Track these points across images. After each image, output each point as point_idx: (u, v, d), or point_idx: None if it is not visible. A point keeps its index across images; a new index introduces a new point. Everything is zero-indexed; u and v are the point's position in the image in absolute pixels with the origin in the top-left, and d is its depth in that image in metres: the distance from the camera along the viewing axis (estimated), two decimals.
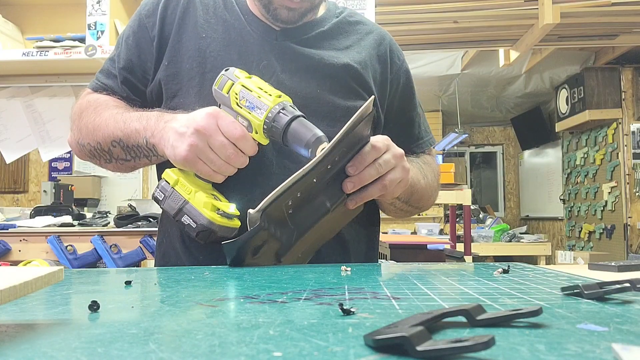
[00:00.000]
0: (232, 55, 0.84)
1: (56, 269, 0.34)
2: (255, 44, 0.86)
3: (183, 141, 0.70)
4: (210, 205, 0.71)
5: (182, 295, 0.43)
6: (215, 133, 0.70)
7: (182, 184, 0.74)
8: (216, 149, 0.70)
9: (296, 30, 0.88)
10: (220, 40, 0.86)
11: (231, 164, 0.72)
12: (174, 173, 0.75)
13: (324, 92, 0.85)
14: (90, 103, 0.88)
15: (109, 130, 0.81)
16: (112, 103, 0.87)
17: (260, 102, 0.72)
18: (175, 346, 0.26)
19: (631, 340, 0.27)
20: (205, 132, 0.69)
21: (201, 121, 0.70)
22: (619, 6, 3.08)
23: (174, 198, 0.74)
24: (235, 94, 0.74)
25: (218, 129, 0.70)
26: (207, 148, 0.70)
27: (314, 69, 0.86)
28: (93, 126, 0.84)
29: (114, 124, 0.81)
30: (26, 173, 5.37)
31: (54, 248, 1.76)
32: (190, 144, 0.69)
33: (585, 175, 4.92)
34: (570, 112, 4.73)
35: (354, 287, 0.47)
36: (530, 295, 0.42)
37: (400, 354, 0.24)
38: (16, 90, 2.34)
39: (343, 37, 0.92)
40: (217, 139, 0.70)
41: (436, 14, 3.18)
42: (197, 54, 0.84)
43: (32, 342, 0.28)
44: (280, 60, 0.85)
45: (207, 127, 0.69)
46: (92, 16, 2.08)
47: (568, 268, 0.66)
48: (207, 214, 0.71)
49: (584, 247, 4.91)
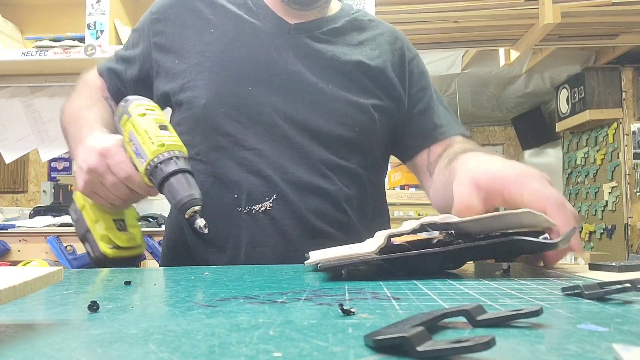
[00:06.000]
0: (239, 49, 0.85)
1: (56, 269, 0.34)
2: (266, 38, 0.86)
3: (80, 176, 0.73)
4: (107, 238, 0.74)
5: (182, 295, 0.43)
6: (105, 172, 0.71)
7: (87, 210, 0.76)
8: (108, 187, 0.71)
9: (309, 25, 0.89)
10: (229, 33, 0.86)
11: (125, 200, 0.73)
12: (82, 197, 0.76)
13: (335, 87, 0.84)
14: (86, 82, 0.97)
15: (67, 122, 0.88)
16: (99, 89, 0.94)
17: (142, 150, 0.69)
18: (175, 346, 0.26)
19: (632, 341, 0.27)
20: (96, 172, 0.71)
21: (92, 161, 0.71)
22: (620, 6, 3.08)
23: (81, 223, 0.76)
24: (127, 132, 0.72)
25: (108, 169, 0.71)
26: (100, 185, 0.72)
27: (326, 64, 0.86)
28: (68, 110, 0.90)
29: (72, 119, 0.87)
30: (25, 173, 5.37)
31: (53, 248, 1.76)
32: (85, 181, 0.72)
33: (585, 175, 4.92)
34: (571, 112, 4.73)
35: (354, 287, 0.47)
36: (530, 295, 0.42)
37: (400, 354, 0.24)
38: (15, 90, 2.34)
39: (356, 34, 0.92)
40: (108, 178, 0.71)
41: (436, 14, 3.18)
42: (205, 49, 0.85)
43: (32, 342, 0.27)
44: (293, 54, 0.85)
45: (98, 167, 0.71)
46: (92, 16, 2.08)
47: (568, 268, 0.66)
48: (101, 246, 0.73)
49: (584, 247, 4.91)
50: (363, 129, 0.86)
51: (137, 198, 0.74)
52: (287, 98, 0.83)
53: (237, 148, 0.81)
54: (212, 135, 0.82)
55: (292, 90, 0.83)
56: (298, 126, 0.82)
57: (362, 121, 0.86)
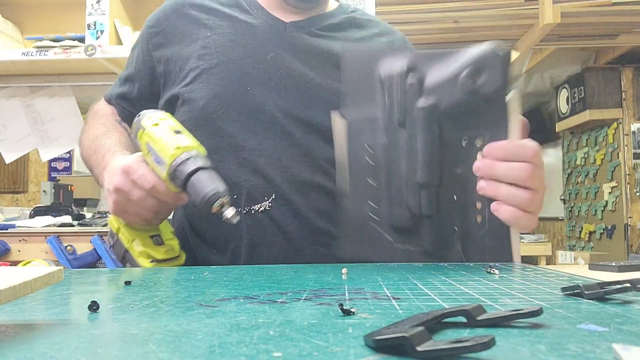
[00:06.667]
0: (237, 50, 0.85)
1: (56, 269, 0.34)
2: (262, 37, 0.86)
3: (109, 198, 0.74)
4: (146, 254, 0.74)
5: (182, 295, 0.43)
6: (131, 189, 0.71)
7: (122, 232, 0.77)
8: (137, 203, 0.72)
9: (305, 22, 0.89)
10: (225, 35, 0.87)
11: (156, 211, 0.73)
12: (115, 220, 0.78)
13: (333, 81, 0.84)
14: (97, 114, 0.97)
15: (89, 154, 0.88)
16: (111, 117, 0.95)
17: (160, 158, 0.70)
18: (175, 346, 0.26)
19: (632, 341, 0.27)
20: (122, 190, 0.71)
21: (117, 181, 0.72)
22: (620, 6, 3.08)
23: (118, 245, 0.77)
24: (144, 144, 0.73)
25: (133, 184, 0.71)
26: (128, 203, 0.72)
27: (323, 58, 0.86)
28: (85, 144, 0.91)
29: (92, 151, 0.87)
30: (26, 173, 5.37)
31: (53, 248, 1.76)
32: (114, 201, 0.73)
33: (585, 175, 4.92)
34: (571, 112, 4.73)
35: (354, 287, 0.47)
36: (530, 295, 0.42)
37: (400, 354, 0.24)
38: (16, 90, 2.34)
39: (355, 30, 0.92)
40: (134, 193, 0.71)
41: (436, 14, 3.18)
42: (203, 52, 0.85)
43: (32, 342, 0.27)
44: (289, 51, 0.85)
45: (123, 185, 0.71)
46: (92, 16, 2.08)
47: (568, 268, 0.66)
48: (141, 262, 0.74)
49: (584, 247, 4.91)
50: None
51: (167, 209, 0.74)
52: (286, 95, 0.83)
53: (237, 149, 0.81)
54: (211, 136, 0.82)
55: (291, 87, 0.83)
56: (299, 122, 0.82)
57: None
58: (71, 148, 2.46)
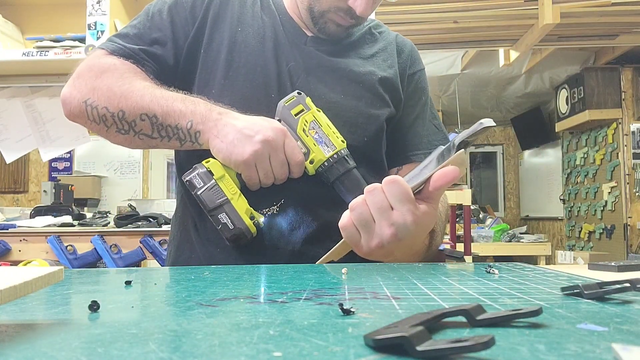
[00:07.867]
0: (266, 52, 0.86)
1: (56, 269, 0.34)
2: (285, 44, 0.88)
3: (248, 144, 0.71)
4: (250, 213, 0.75)
5: (182, 295, 0.43)
6: (280, 150, 0.73)
7: (227, 181, 0.74)
8: (274, 164, 0.73)
9: (325, 40, 0.90)
10: (254, 35, 0.87)
11: (277, 180, 0.75)
12: (219, 167, 0.74)
13: (347, 98, 0.86)
14: (115, 66, 0.81)
15: (143, 102, 0.76)
16: (141, 75, 0.81)
17: (329, 140, 0.77)
18: (175, 346, 0.26)
19: (631, 340, 0.27)
20: (272, 145, 0.72)
21: (271, 133, 0.72)
22: (619, 6, 3.08)
23: (216, 192, 0.73)
24: (306, 121, 0.77)
25: (283, 147, 0.73)
26: (267, 159, 0.72)
27: (340, 76, 0.88)
28: (120, 92, 0.77)
29: (150, 97, 0.76)
30: (26, 173, 5.38)
31: (54, 248, 1.76)
32: (256, 150, 0.71)
33: (585, 175, 4.92)
34: (570, 112, 4.73)
35: (354, 287, 0.47)
36: (530, 295, 0.42)
37: (400, 354, 0.24)
38: (16, 90, 2.34)
39: (368, 46, 0.95)
40: (279, 155, 0.73)
41: (436, 14, 3.18)
42: (231, 46, 0.85)
43: (32, 342, 0.28)
44: (307, 64, 0.87)
45: (275, 142, 0.72)
46: (92, 16, 2.08)
47: (568, 268, 0.66)
48: (246, 220, 0.73)
49: (584, 247, 4.91)
50: (372, 139, 0.88)
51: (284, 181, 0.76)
52: None
53: None
54: None
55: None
56: None
57: (371, 131, 0.88)
58: (72, 148, 2.45)
